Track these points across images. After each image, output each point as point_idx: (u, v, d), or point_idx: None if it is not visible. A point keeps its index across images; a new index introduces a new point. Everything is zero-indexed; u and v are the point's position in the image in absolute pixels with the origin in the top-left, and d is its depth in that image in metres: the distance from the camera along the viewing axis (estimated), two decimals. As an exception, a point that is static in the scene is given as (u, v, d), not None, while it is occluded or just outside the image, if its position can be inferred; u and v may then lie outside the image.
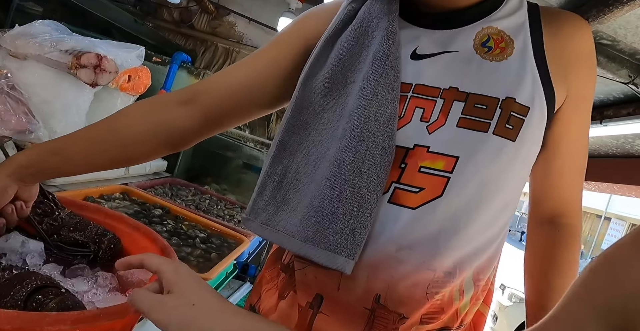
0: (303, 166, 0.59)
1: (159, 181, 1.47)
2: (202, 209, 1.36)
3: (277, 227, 0.58)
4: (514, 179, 0.56)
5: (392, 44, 0.57)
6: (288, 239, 0.56)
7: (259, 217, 0.60)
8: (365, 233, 0.53)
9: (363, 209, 0.53)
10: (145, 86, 1.31)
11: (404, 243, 0.53)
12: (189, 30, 3.07)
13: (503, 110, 0.53)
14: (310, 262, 0.57)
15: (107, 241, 0.71)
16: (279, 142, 0.61)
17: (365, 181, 0.54)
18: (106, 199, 1.09)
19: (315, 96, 0.61)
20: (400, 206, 0.53)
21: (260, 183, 0.62)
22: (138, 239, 0.76)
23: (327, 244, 0.53)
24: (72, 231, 0.70)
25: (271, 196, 0.60)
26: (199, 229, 1.13)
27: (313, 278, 0.57)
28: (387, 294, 0.53)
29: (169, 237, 1.01)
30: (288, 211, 0.58)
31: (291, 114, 0.61)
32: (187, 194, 1.48)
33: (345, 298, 0.55)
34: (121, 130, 0.62)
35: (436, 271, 0.53)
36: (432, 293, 0.53)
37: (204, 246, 1.02)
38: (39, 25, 1.01)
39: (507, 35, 0.56)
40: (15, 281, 0.53)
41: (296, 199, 0.58)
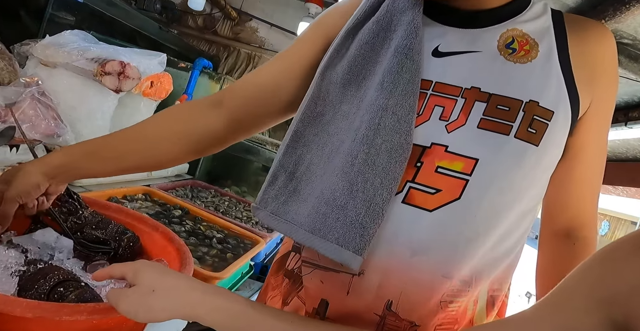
0: (317, 157, 0.58)
1: (181, 183, 1.52)
2: (221, 210, 1.40)
3: (286, 217, 0.56)
4: (536, 186, 0.55)
5: (414, 38, 0.55)
6: (295, 229, 0.55)
7: (269, 206, 0.59)
8: (375, 229, 0.50)
9: (374, 204, 0.50)
10: (167, 91, 1.36)
11: (420, 248, 0.50)
12: (212, 36, 3.16)
13: (526, 113, 0.51)
14: (316, 266, 0.56)
15: (127, 239, 0.74)
16: (294, 132, 0.60)
17: (379, 175, 0.51)
18: (129, 200, 1.14)
19: (333, 87, 0.59)
20: (416, 208, 0.51)
21: (272, 172, 0.61)
22: (156, 238, 0.79)
23: (334, 236, 0.51)
24: (94, 229, 0.73)
25: (282, 186, 0.59)
26: (217, 230, 1.16)
27: (319, 283, 0.56)
28: (400, 301, 0.51)
29: (187, 237, 1.04)
30: (298, 202, 0.56)
31: (307, 104, 0.60)
32: (207, 196, 1.52)
33: (354, 304, 0.53)
34: (151, 134, 0.65)
35: (452, 279, 0.51)
36: (446, 302, 0.52)
37: (220, 246, 1.05)
38: (68, 35, 1.06)
39: (532, 39, 0.55)
40: (39, 276, 0.57)
41: (307, 191, 0.56)
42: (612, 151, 1.96)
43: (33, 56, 1.04)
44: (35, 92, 0.93)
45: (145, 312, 0.43)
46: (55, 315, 0.46)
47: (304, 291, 0.58)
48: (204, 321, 0.42)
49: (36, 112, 0.92)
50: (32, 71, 1.03)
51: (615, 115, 1.60)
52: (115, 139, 0.65)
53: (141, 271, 0.46)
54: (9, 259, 0.60)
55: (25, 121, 0.89)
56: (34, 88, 0.93)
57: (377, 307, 0.52)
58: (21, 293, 0.55)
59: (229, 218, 1.28)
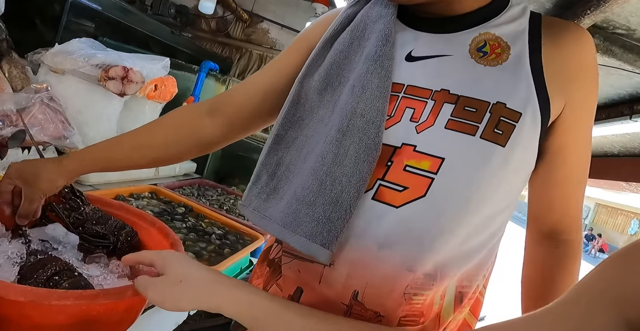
0: (295, 158, 0.62)
1: (188, 182, 1.57)
2: (225, 208, 1.45)
3: (265, 213, 0.61)
4: (505, 186, 0.55)
5: (385, 45, 0.58)
6: (271, 224, 0.59)
7: (252, 204, 0.64)
8: (343, 225, 0.53)
9: (342, 200, 0.54)
10: (171, 94, 1.41)
11: (385, 242, 0.53)
12: (225, 38, 3.23)
13: (493, 114, 0.52)
14: (295, 256, 0.60)
15: (125, 234, 0.79)
16: (275, 136, 0.65)
17: (347, 174, 0.55)
18: (135, 198, 1.20)
19: (311, 94, 0.63)
20: (384, 204, 0.54)
21: (255, 172, 0.66)
22: (153, 233, 0.84)
23: (303, 230, 0.55)
24: (95, 224, 0.78)
25: (264, 185, 0.64)
26: (217, 227, 1.21)
27: (296, 272, 0.60)
28: (365, 291, 0.54)
29: (187, 233, 1.09)
30: (276, 199, 0.61)
31: (287, 109, 0.64)
32: (213, 194, 1.57)
33: (325, 292, 0.56)
34: (158, 137, 0.72)
35: (416, 272, 0.53)
36: (410, 294, 0.54)
37: (218, 242, 1.10)
38: (76, 43, 1.13)
39: (504, 42, 0.56)
40: (39, 266, 0.62)
41: (285, 189, 0.61)
42: (624, 146, 1.91)
43: (44, 63, 1.11)
44: (45, 98, 0.99)
45: (171, 301, 0.45)
46: (45, 299, 0.50)
47: (282, 279, 0.62)
48: (226, 313, 0.45)
49: (45, 116, 0.98)
50: (43, 77, 1.10)
51: (619, 109, 1.57)
52: (127, 144, 0.72)
53: (169, 261, 0.49)
54: (13, 250, 0.65)
55: (35, 125, 0.96)
56: (44, 94, 1.00)
57: (345, 297, 0.55)
58: (21, 281, 0.61)
59: (231, 216, 1.32)
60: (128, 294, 0.57)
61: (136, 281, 0.49)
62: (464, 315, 0.61)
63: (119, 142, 0.73)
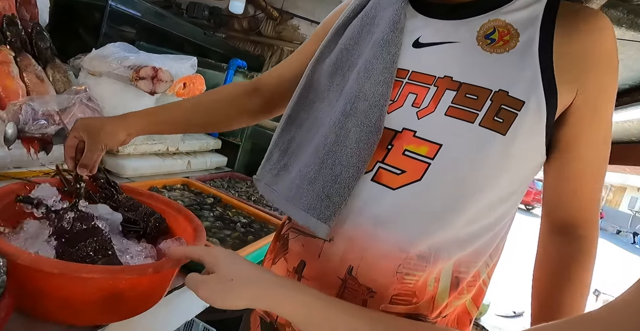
0: (304, 138, 0.66)
1: (219, 175, 1.65)
2: (253, 199, 1.51)
3: (274, 187, 0.66)
4: (509, 175, 0.55)
5: (392, 31, 0.60)
6: (277, 197, 0.64)
7: (264, 179, 0.69)
8: (342, 202, 0.56)
9: (341, 179, 0.57)
10: (200, 91, 1.49)
11: (381, 221, 0.55)
12: (256, 37, 3.31)
13: (494, 102, 0.52)
14: (300, 232, 0.64)
15: (154, 220, 0.86)
16: (288, 116, 0.70)
17: (346, 154, 0.57)
18: (168, 190, 1.28)
19: (322, 78, 0.67)
20: (382, 186, 0.56)
21: (269, 149, 0.71)
22: (179, 220, 0.91)
23: (303, 205, 0.59)
24: (127, 211, 0.86)
25: (276, 162, 0.69)
26: (243, 216, 1.27)
27: (301, 246, 0.64)
28: (359, 267, 0.57)
29: (214, 221, 1.16)
30: (285, 175, 0.65)
31: (300, 92, 0.69)
32: (242, 186, 1.64)
33: (323, 266, 0.60)
34: (213, 105, 0.81)
35: (409, 252, 0.55)
36: (402, 274, 0.55)
37: (243, 229, 1.16)
38: (111, 47, 1.23)
39: (514, 29, 0.55)
40: (82, 237, 0.67)
41: (293, 166, 0.65)
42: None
43: (83, 67, 1.21)
44: (84, 98, 1.09)
45: (222, 299, 0.45)
46: (76, 272, 0.57)
47: (289, 253, 0.67)
48: (278, 312, 0.46)
49: (84, 114, 1.08)
50: (83, 80, 1.21)
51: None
52: (185, 108, 0.81)
53: (220, 259, 0.50)
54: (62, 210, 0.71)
55: (75, 123, 1.05)
56: (83, 94, 1.09)
57: (341, 271, 0.58)
58: (64, 247, 0.66)
59: (257, 206, 1.38)
60: (149, 271, 0.63)
61: (187, 279, 0.49)
62: (463, 301, 0.62)
63: (179, 106, 0.81)
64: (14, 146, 0.93)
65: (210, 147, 1.76)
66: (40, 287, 0.57)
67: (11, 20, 1.10)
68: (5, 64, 0.99)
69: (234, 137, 1.89)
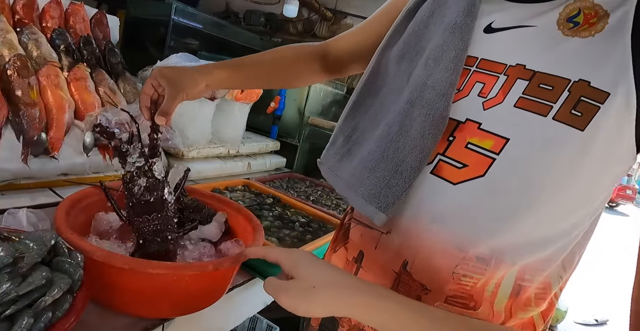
0: (369, 125, 0.65)
1: (278, 176, 1.69)
2: (312, 199, 1.52)
3: (337, 172, 0.66)
4: (587, 176, 0.48)
5: (466, 16, 0.55)
6: (339, 182, 0.64)
7: (327, 163, 0.69)
8: (401, 192, 0.54)
9: (402, 170, 0.55)
10: (257, 94, 1.53)
11: (439, 217, 0.53)
12: (312, 38, 3.35)
13: (572, 93, 0.46)
14: (359, 222, 0.64)
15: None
16: (354, 103, 0.69)
17: (409, 144, 0.55)
18: (229, 191, 1.33)
19: (390, 64, 0.65)
20: (442, 179, 0.53)
21: (334, 134, 0.71)
22: (239, 219, 0.94)
23: (363, 192, 0.58)
24: (192, 212, 0.91)
25: (340, 147, 0.68)
26: (302, 216, 1.28)
27: (359, 236, 0.64)
28: (414, 263, 0.55)
29: (273, 220, 1.18)
30: (348, 161, 0.65)
31: (367, 78, 0.68)
32: (301, 186, 1.66)
33: (380, 258, 0.60)
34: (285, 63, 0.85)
35: (467, 253, 0.52)
36: (458, 275, 0.52)
37: (301, 229, 1.17)
38: (173, 57, 1.30)
39: (603, 9, 0.48)
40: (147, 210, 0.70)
41: (356, 153, 0.64)
42: None
43: (150, 78, 1.30)
44: (151, 107, 1.16)
45: (305, 307, 0.43)
46: (143, 268, 0.61)
47: (349, 242, 0.67)
48: (365, 322, 0.43)
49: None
50: (150, 90, 1.29)
51: None
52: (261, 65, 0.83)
53: (300, 264, 0.47)
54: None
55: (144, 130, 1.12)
56: (150, 103, 1.17)
57: (396, 265, 0.57)
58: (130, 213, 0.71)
59: (316, 206, 1.39)
60: (209, 268, 0.65)
61: (266, 285, 0.48)
62: (531, 315, 0.57)
63: (259, 61, 0.84)
64: (92, 153, 1.02)
65: (270, 148, 1.80)
66: (112, 281, 0.62)
67: (87, 40, 1.21)
68: (82, 80, 1.09)
69: (292, 138, 1.92)
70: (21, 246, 0.59)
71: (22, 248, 0.58)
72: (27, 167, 0.89)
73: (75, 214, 0.77)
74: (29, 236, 0.62)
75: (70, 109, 1.01)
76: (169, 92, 0.69)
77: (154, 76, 0.70)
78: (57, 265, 0.59)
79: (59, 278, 0.55)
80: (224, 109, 1.43)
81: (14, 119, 0.90)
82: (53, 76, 1.01)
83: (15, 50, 0.99)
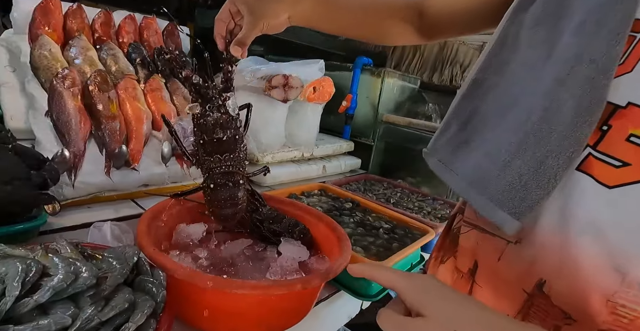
0: (493, 109, 0.52)
1: (354, 178, 1.60)
2: (392, 201, 1.41)
3: (451, 166, 0.54)
4: None
5: None
6: (455, 178, 0.52)
7: (437, 154, 0.58)
8: (542, 196, 0.43)
9: (546, 167, 0.43)
10: (329, 94, 1.46)
11: (589, 228, 0.42)
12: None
13: None
14: (474, 226, 0.54)
15: (298, 231, 0.84)
16: (473, 81, 0.56)
17: (557, 135, 0.43)
18: (306, 196, 1.27)
19: (523, 32, 0.52)
20: (592, 179, 0.42)
21: (445, 120, 0.59)
22: (321, 228, 0.87)
23: (491, 193, 0.46)
24: (272, 223, 0.85)
25: (453, 136, 0.57)
26: (385, 221, 1.18)
27: (474, 244, 0.53)
28: (554, 283, 0.44)
29: (355, 227, 1.10)
30: (465, 153, 0.53)
31: (492, 50, 0.55)
32: (379, 188, 1.56)
33: (504, 272, 0.49)
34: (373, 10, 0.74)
35: (626, 275, 0.40)
36: (616, 304, 0.41)
37: (386, 236, 1.07)
38: (243, 62, 1.27)
39: None
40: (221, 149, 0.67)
41: (476, 143, 0.52)
42: None
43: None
44: (224, 113, 1.14)
45: None
46: (227, 288, 0.56)
47: (460, 250, 0.56)
48: None
49: (226, 128, 1.12)
50: (223, 96, 1.27)
51: None
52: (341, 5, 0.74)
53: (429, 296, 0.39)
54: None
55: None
56: (223, 109, 1.14)
57: (527, 283, 0.46)
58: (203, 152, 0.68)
59: (398, 209, 1.28)
60: (298, 287, 0.59)
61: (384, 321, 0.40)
62: None
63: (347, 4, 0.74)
64: (170, 162, 1.01)
65: (343, 149, 1.72)
66: (195, 299, 0.58)
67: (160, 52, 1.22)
68: (158, 91, 1.09)
69: (366, 138, 1.83)
70: (104, 264, 0.57)
71: (105, 267, 0.56)
72: (110, 180, 0.89)
73: (157, 227, 0.76)
74: (112, 253, 0.60)
75: (148, 120, 1.01)
76: (248, 20, 0.62)
77: (233, 1, 0.64)
78: (139, 285, 0.56)
79: (142, 301, 0.52)
80: (297, 111, 1.37)
81: (96, 132, 0.91)
82: (131, 89, 1.02)
83: (95, 67, 1.01)
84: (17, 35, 1.06)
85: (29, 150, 0.74)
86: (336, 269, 0.66)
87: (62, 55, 1.00)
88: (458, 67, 2.78)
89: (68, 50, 1.02)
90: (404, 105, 1.98)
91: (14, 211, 0.67)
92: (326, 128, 1.75)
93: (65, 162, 0.82)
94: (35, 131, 0.87)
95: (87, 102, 0.93)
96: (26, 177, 0.70)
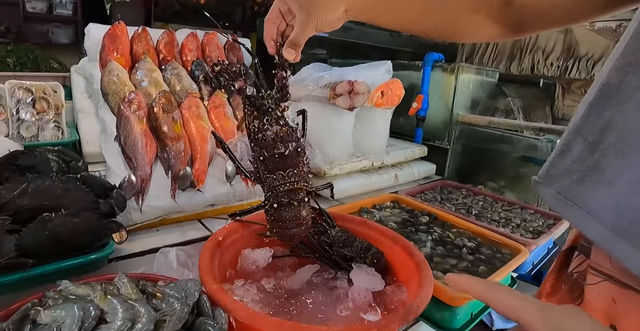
0: (636, 122, 0.41)
1: (429, 186, 1.47)
2: (474, 213, 1.27)
3: (578, 201, 0.43)
4: None
5: None
6: (589, 221, 0.41)
7: (555, 183, 0.46)
8: None
9: None
10: (399, 97, 1.36)
11: None
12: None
13: None
14: (608, 277, 0.42)
15: (371, 256, 0.75)
16: (603, 86, 0.44)
17: None
18: (378, 209, 1.18)
19: None
20: None
21: (564, 139, 0.48)
22: (397, 252, 0.78)
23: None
24: (342, 247, 0.78)
25: (577, 160, 0.45)
26: (468, 237, 1.05)
27: (610, 301, 0.42)
28: None
29: (434, 246, 0.98)
30: (599, 184, 0.42)
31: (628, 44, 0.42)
32: (457, 197, 1.42)
33: None
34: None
35: None
36: None
37: (471, 257, 0.94)
38: (305, 70, 1.22)
39: None
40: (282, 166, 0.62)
41: (615, 170, 0.41)
42: None
43: (284, 95, 1.24)
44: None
45: None
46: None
47: (585, 305, 0.45)
48: None
49: (290, 142, 1.07)
50: (285, 107, 1.23)
51: None
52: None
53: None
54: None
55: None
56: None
57: None
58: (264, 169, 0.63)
59: (482, 223, 1.14)
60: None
61: None
62: None
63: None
64: (235, 181, 0.98)
65: (416, 155, 1.60)
66: None
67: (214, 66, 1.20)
68: (221, 107, 1.07)
69: (441, 140, 1.68)
70: (164, 303, 0.54)
71: (165, 308, 0.53)
72: (176, 203, 0.88)
73: (222, 253, 0.73)
74: (173, 289, 0.57)
75: (212, 138, 0.99)
76: (301, 18, 0.55)
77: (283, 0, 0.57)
78: (199, 328, 0.52)
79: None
80: (364, 119, 1.29)
81: (162, 154, 0.91)
82: (194, 107, 1.01)
83: (160, 87, 1.01)
84: (91, 62, 1.11)
85: (96, 179, 0.74)
86: (417, 309, 0.57)
87: (130, 79, 1.02)
88: (540, 53, 2.50)
89: (135, 73, 1.03)
90: (480, 101, 1.80)
91: (84, 241, 0.67)
92: (396, 132, 1.63)
93: (132, 187, 0.82)
94: (106, 156, 0.89)
95: (152, 125, 0.93)
96: (94, 207, 0.70)
